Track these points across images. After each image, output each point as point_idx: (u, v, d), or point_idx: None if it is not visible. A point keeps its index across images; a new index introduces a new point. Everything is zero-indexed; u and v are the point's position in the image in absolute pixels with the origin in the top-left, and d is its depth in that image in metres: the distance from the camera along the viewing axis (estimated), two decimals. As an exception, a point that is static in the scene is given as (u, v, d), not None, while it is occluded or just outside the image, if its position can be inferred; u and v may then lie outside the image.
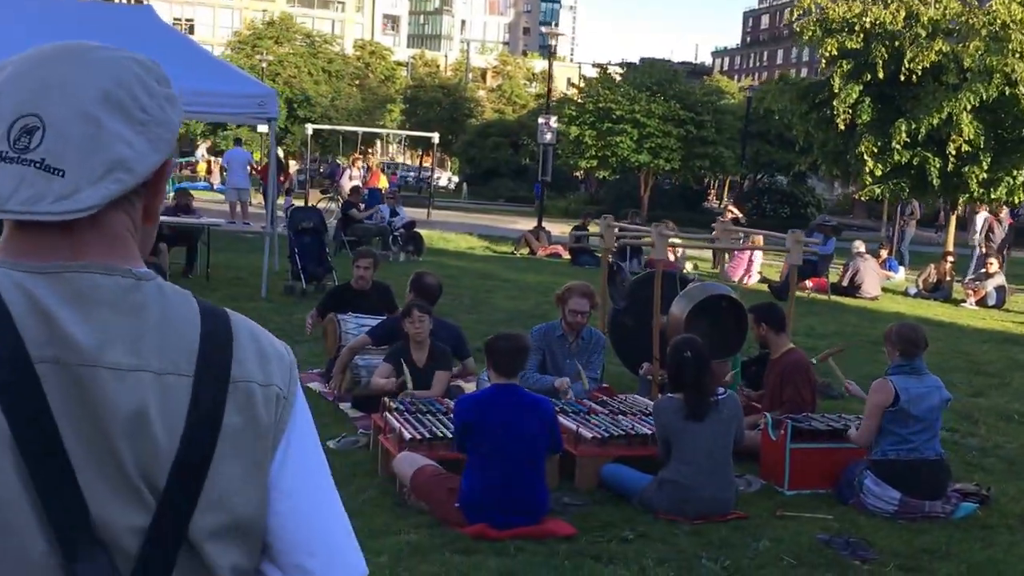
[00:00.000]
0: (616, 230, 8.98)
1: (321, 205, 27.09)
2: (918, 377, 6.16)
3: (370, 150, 59.05)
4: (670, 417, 5.84)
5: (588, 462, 6.20)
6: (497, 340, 5.61)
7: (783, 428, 6.45)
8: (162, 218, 11.78)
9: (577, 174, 47.11)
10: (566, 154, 35.53)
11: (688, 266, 20.58)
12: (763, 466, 6.62)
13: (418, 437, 5.97)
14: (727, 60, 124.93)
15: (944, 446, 7.54)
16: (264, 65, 39.82)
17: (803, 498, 6.29)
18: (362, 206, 19.74)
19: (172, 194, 16.69)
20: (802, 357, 7.18)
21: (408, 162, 68.58)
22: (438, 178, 61.94)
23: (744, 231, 14.77)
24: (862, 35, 21.15)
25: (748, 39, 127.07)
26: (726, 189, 42.61)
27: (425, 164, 48.13)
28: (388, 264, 18.48)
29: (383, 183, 26.97)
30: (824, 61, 23.04)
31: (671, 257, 20.10)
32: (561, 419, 6.51)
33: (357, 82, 57.45)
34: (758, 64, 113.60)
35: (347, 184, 24.10)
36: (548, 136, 25.59)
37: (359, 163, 26.29)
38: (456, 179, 57.82)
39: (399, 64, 68.69)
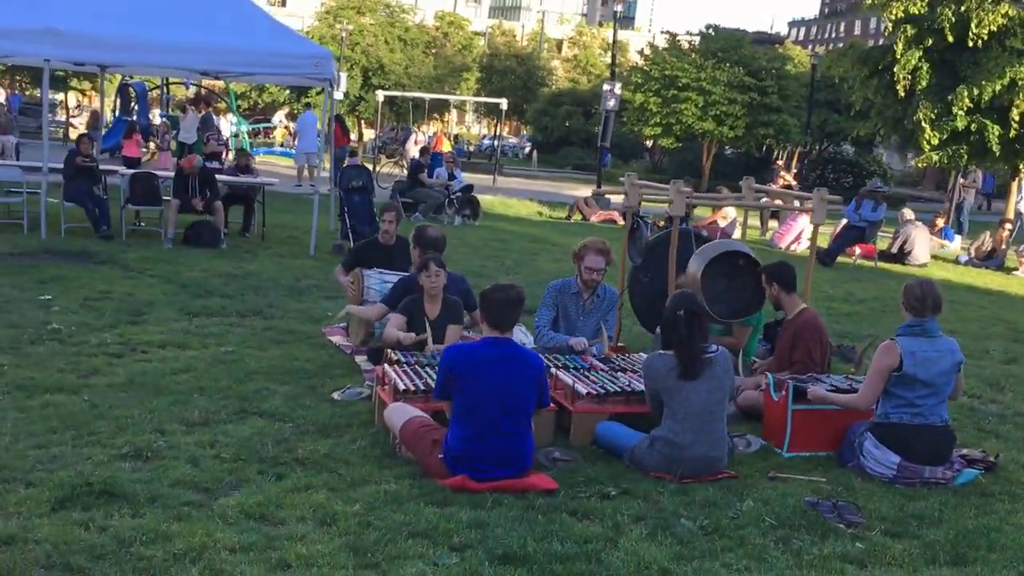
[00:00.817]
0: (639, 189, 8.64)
1: (386, 170, 27.14)
2: (929, 339, 5.79)
3: (445, 117, 59.03)
4: (663, 375, 5.59)
5: (583, 419, 5.97)
6: (492, 291, 5.40)
7: (785, 389, 6.15)
8: (221, 177, 11.90)
9: (647, 143, 46.47)
10: (631, 121, 34.99)
11: (736, 233, 20.15)
12: (765, 427, 6.34)
13: (412, 388, 5.81)
14: (803, 30, 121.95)
15: (962, 411, 7.24)
16: (344, 34, 39.78)
17: (801, 460, 6.00)
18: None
19: (233, 154, 16.77)
20: (814, 317, 6.84)
21: (486, 130, 68.30)
22: (507, 144, 61.80)
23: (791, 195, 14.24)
24: (927, -1, 20.39)
25: (826, 10, 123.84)
26: (795, 159, 41.58)
27: (501, 132, 47.85)
28: (444, 227, 18.41)
29: (446, 148, 26.88)
30: (889, 26, 22.28)
31: (721, 224, 19.83)
32: (560, 374, 6.31)
33: (434, 51, 57.27)
34: (835, 35, 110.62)
35: (412, 149, 24.09)
36: (611, 103, 25.21)
37: (423, 128, 26.08)
38: (526, 147, 57.38)
39: (476, 34, 68.22)
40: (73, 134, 27.01)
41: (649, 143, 45.99)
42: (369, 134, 46.09)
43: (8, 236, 12.50)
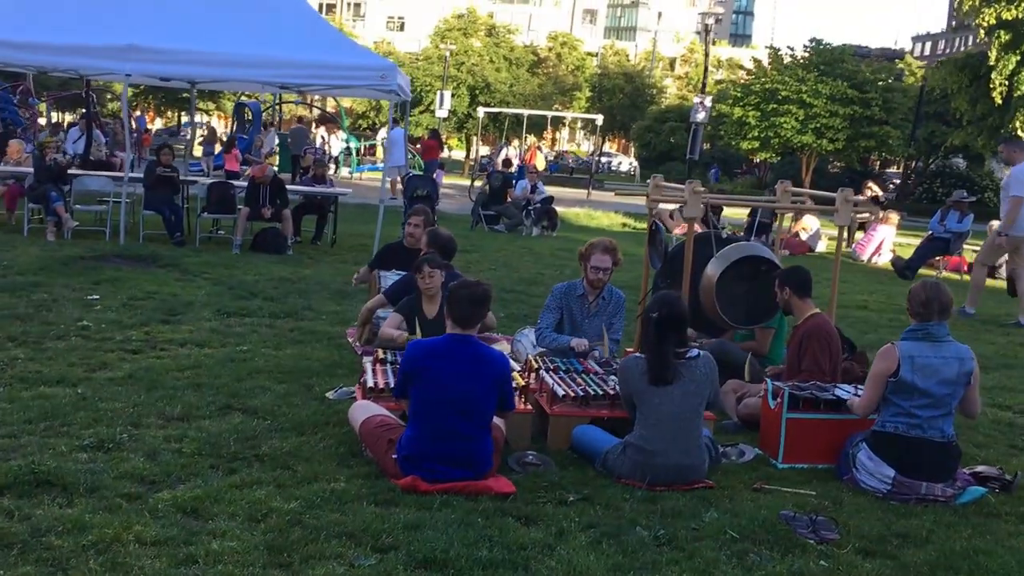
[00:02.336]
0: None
1: (479, 183, 27.10)
2: (933, 344, 5.28)
3: (554, 134, 58.92)
4: (635, 379, 5.23)
5: (561, 422, 5.63)
6: (458, 287, 5.13)
7: (781, 396, 5.71)
8: (294, 187, 11.95)
9: (754, 158, 45.50)
10: (728, 135, 34.25)
11: (821, 246, 19.37)
12: (761, 436, 5.89)
13: (380, 386, 5.57)
14: (928, 45, 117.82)
15: (999, 426, 6.69)
16: (447, 55, 40.08)
17: (795, 473, 5.55)
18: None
19: (311, 166, 16.88)
20: (823, 322, 6.34)
21: (603, 148, 67.96)
22: (610, 162, 61.31)
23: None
24: (1021, 3, 19.30)
25: (953, 23, 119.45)
26: (902, 170, 40.04)
27: (605, 148, 47.55)
28: (523, 237, 18.23)
29: (539, 162, 26.70)
30: (982, 31, 21.22)
31: (803, 236, 19.09)
32: (544, 376, 5.99)
33: (548, 70, 57.24)
34: (962, 48, 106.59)
35: (500, 161, 23.99)
36: (701, 115, 24.66)
37: (515, 142, 25.97)
38: (635, 163, 56.84)
39: (589, 54, 68.00)
40: (197, 151, 27.76)
41: (756, 158, 45.02)
42: (484, 150, 46.36)
43: (91, 242, 12.77)
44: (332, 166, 33.92)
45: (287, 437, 5.46)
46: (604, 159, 61.52)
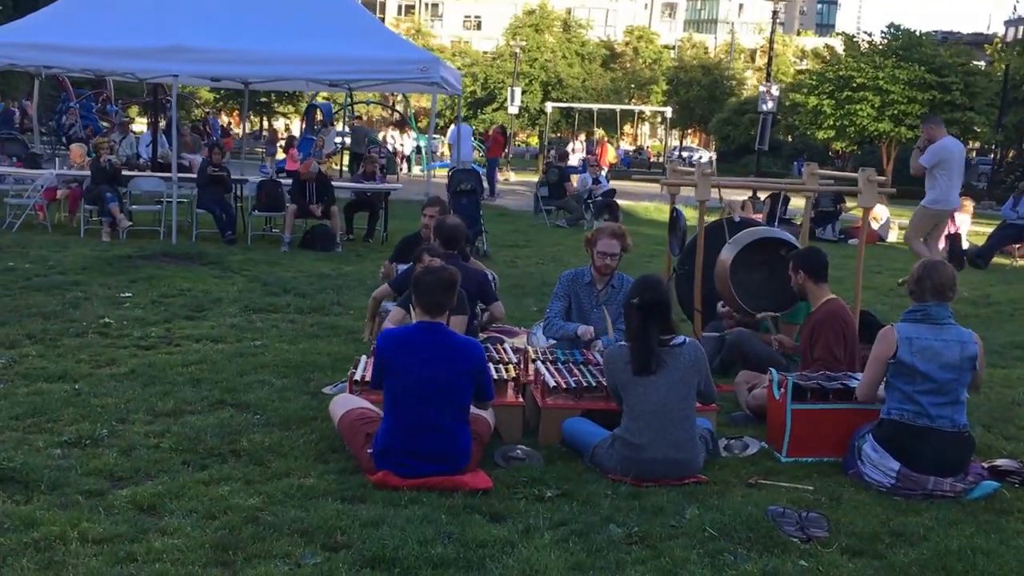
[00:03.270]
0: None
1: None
2: (933, 327, 4.92)
3: (634, 129, 58.25)
4: (619, 369, 4.97)
5: (553, 415, 5.40)
6: (422, 274, 4.94)
7: (785, 386, 5.39)
8: (346, 184, 11.93)
9: (836, 149, 44.34)
10: (803, 125, 33.38)
11: (892, 235, 18.68)
12: (768, 428, 5.57)
13: (364, 379, 5.40)
14: (1021, 30, 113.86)
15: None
16: (517, 51, 39.91)
17: (800, 467, 5.23)
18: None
19: (362, 163, 16.87)
20: (837, 308, 5.97)
21: (676, 141, 67.04)
22: (691, 156, 60.40)
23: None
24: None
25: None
26: (995, 159, 38.56)
27: (685, 143, 46.85)
28: (583, 231, 17.96)
29: (611, 155, 26.38)
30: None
31: (873, 225, 18.42)
32: (540, 367, 5.76)
33: (625, 65, 56.69)
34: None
35: (570, 158, 23.80)
36: (768, 104, 24.03)
37: (581, 137, 25.69)
38: (714, 156, 55.95)
39: (667, 47, 67.22)
40: (280, 154, 28.01)
41: (837, 149, 43.89)
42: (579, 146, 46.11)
43: (144, 241, 12.91)
44: (404, 165, 34.11)
45: (271, 432, 5.33)
46: (685, 153, 60.77)
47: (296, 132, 28.46)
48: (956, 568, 3.99)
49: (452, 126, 25.78)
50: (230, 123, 50.69)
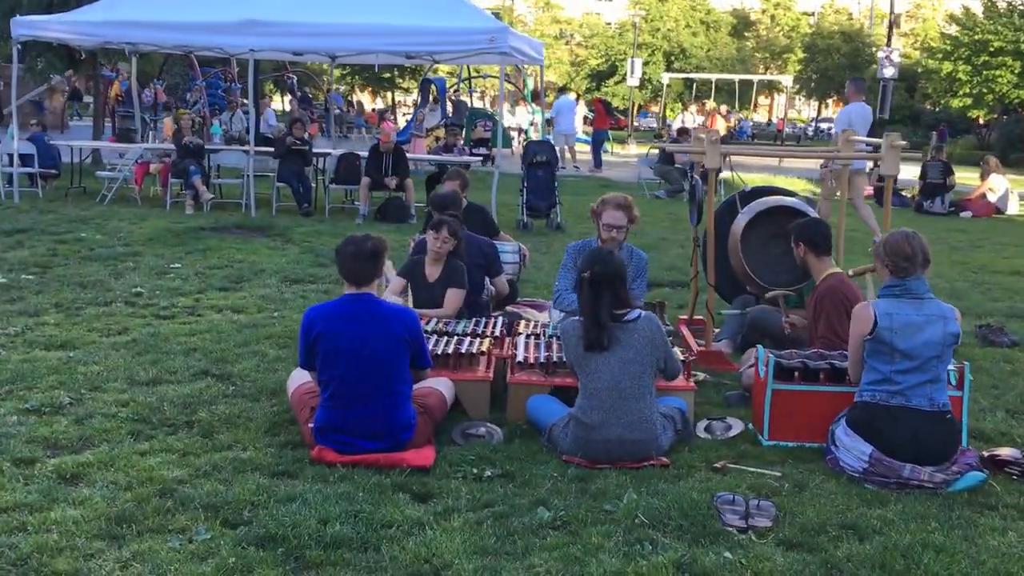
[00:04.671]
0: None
1: (656, 150, 26.33)
2: (912, 302, 4.48)
3: (770, 100, 56.54)
4: (572, 344, 4.70)
5: (520, 391, 5.15)
6: (344, 244, 4.74)
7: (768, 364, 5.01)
8: (426, 156, 11.91)
9: (978, 118, 42.04)
10: (937, 93, 31.69)
11: (1012, 207, 17.53)
12: (753, 409, 5.21)
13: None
14: None
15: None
16: (636, 20, 39.11)
17: (778, 451, 4.87)
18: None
19: (443, 134, 16.78)
20: (837, 283, 5.51)
21: (816, 112, 64.70)
22: (830, 127, 58.15)
23: None
24: None
25: None
26: None
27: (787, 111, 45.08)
28: (681, 203, 17.46)
29: (719, 126, 25.60)
30: None
31: (991, 198, 17.32)
32: (521, 342, 5.53)
33: (759, 33, 55.01)
34: None
35: (676, 130, 23.21)
36: (889, 71, 22.86)
37: (692, 108, 25.00)
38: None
39: (805, 14, 64.89)
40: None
41: (979, 118, 41.60)
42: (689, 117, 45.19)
43: (226, 213, 13.16)
44: (520, 137, 33.95)
45: (236, 403, 5.26)
46: (824, 125, 58.71)
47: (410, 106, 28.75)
48: (896, 566, 3.61)
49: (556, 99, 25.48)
50: (351, 98, 51.54)
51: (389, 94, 51.31)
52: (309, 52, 14.96)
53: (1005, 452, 4.66)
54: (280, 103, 43.16)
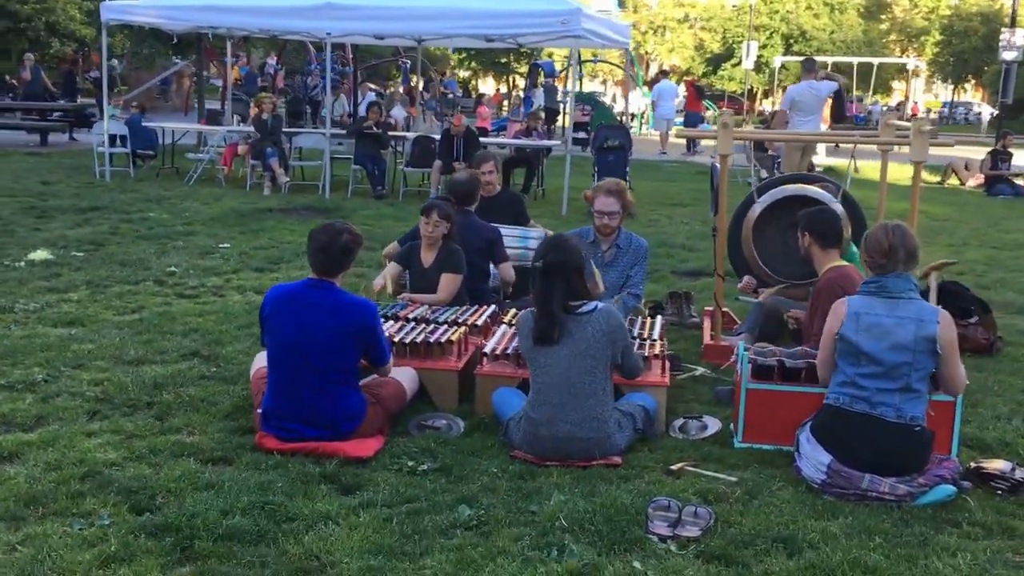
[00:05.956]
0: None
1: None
2: (888, 301, 4.09)
3: (903, 84, 54.12)
4: (524, 336, 4.46)
5: (488, 383, 4.93)
6: (318, 231, 4.61)
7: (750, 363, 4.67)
8: (503, 140, 11.81)
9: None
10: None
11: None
12: (733, 409, 4.86)
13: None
14: None
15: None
16: (753, 2, 37.93)
17: (748, 454, 4.54)
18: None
19: (524, 119, 16.55)
20: (837, 276, 5.07)
21: (953, 96, 61.83)
22: (967, 112, 55.51)
23: None
24: None
25: None
26: None
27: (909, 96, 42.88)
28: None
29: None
30: None
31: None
32: (499, 332, 5.33)
33: (894, 16, 52.88)
34: None
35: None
36: (1011, 53, 21.53)
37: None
38: (993, 111, 51.16)
39: (947, -6, 62.05)
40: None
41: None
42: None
43: (301, 195, 13.29)
44: (633, 123, 33.44)
45: (208, 386, 5.21)
46: (961, 109, 56.19)
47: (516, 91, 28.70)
48: (820, 581, 3.28)
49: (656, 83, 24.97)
50: (474, 83, 51.68)
51: (510, 79, 51.32)
52: (386, 35, 14.87)
53: (993, 465, 4.23)
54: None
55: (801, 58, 16.60)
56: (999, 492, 4.10)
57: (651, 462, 4.41)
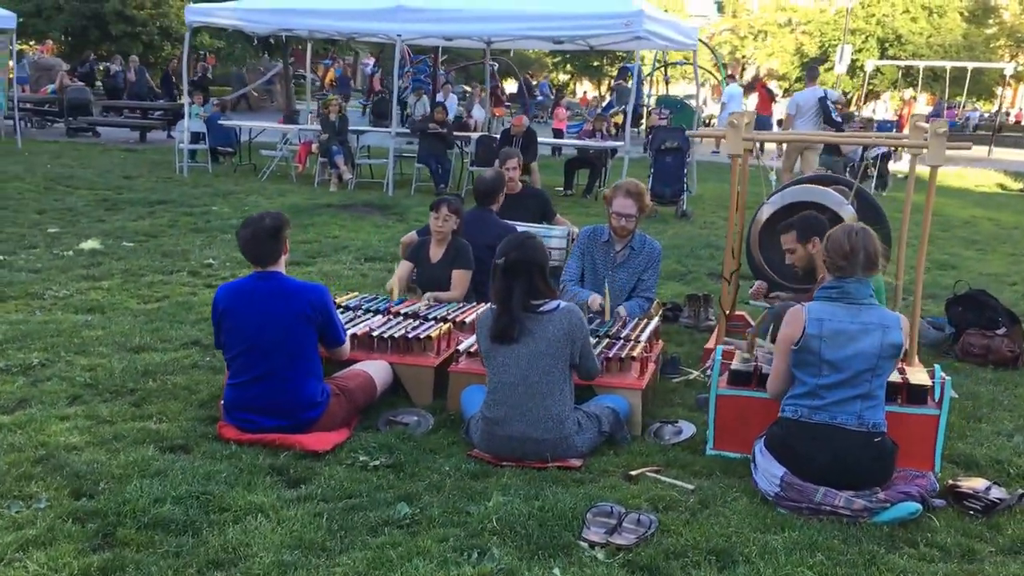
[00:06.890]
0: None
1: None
2: (851, 307, 3.81)
3: (1012, 89, 52.01)
4: (482, 335, 4.29)
5: (461, 380, 4.78)
6: (241, 227, 4.49)
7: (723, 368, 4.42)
8: (566, 141, 11.72)
9: None
10: None
11: None
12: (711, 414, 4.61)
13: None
14: None
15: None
16: (850, 6, 36.74)
17: (716, 462, 4.29)
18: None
19: (590, 120, 16.28)
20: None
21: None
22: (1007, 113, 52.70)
23: None
24: None
25: None
26: None
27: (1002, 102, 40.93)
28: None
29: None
30: None
31: None
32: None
33: (1002, 20, 50.73)
34: None
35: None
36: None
37: (884, 96, 23.31)
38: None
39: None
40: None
41: None
42: (881, 107, 42.26)
43: (365, 192, 13.33)
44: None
45: (195, 374, 5.19)
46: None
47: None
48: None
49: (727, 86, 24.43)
50: (573, 85, 51.39)
51: (605, 81, 50.93)
52: (454, 36, 14.81)
53: (968, 483, 3.90)
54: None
55: (899, 63, 16.19)
56: (971, 512, 3.78)
57: (612, 466, 4.21)
